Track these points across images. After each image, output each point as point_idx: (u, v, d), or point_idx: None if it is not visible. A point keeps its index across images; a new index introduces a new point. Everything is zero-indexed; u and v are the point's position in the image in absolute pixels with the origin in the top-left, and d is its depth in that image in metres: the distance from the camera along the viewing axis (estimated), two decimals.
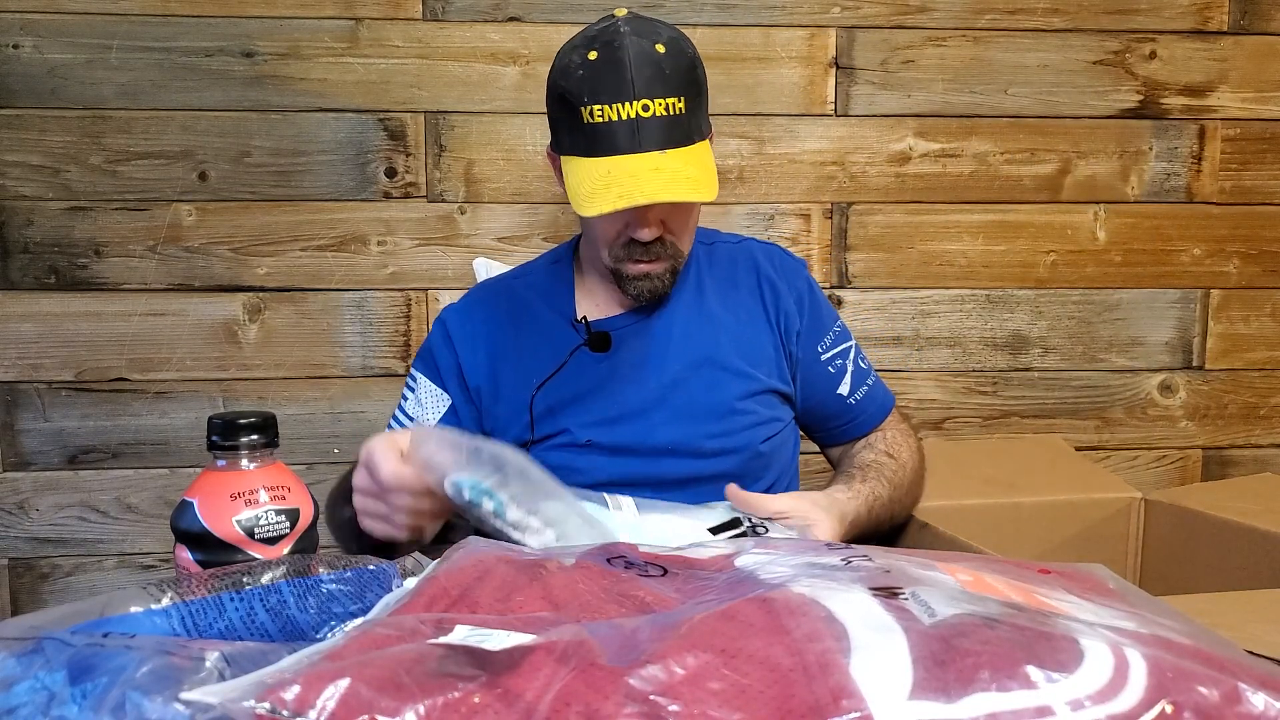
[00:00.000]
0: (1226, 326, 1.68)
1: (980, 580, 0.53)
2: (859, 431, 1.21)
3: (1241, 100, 1.64)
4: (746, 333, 1.18)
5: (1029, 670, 0.42)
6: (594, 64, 1.02)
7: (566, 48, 1.08)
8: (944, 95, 1.60)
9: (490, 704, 0.41)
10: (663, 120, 1.01)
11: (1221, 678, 0.43)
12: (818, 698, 0.40)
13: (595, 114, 1.01)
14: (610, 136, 1.01)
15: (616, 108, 1.01)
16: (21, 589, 1.56)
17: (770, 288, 1.20)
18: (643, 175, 1.00)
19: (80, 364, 1.53)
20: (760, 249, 1.25)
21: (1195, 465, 1.70)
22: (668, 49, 1.03)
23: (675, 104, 1.02)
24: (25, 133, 1.49)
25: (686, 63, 1.05)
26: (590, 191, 1.01)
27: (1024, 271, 1.65)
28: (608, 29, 1.05)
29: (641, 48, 1.02)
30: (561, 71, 1.06)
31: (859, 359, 1.22)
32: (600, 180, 1.01)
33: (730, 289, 1.19)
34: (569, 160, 1.06)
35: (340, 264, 1.55)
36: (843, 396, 1.20)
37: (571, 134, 1.05)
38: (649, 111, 1.01)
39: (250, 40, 1.50)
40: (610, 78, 1.01)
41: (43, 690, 0.45)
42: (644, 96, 1.00)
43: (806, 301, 1.21)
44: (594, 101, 1.01)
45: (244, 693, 0.40)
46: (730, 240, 1.26)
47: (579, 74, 1.03)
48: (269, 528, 0.67)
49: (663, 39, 1.04)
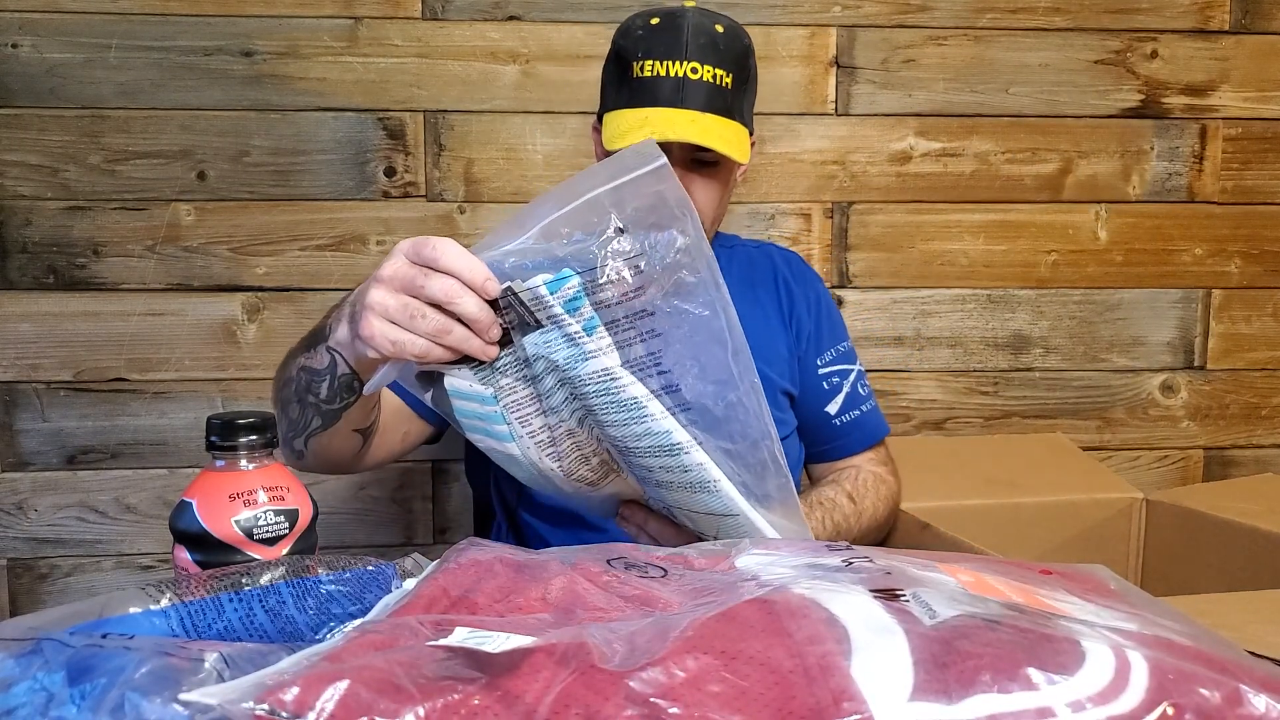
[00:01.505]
0: (1228, 326, 1.68)
1: (981, 581, 0.53)
2: (837, 454, 1.21)
3: (1243, 100, 1.64)
4: (763, 330, 1.18)
5: (1030, 672, 0.42)
6: (654, 27, 1.07)
7: (633, 16, 1.12)
8: (945, 94, 1.60)
9: (490, 706, 0.41)
10: (708, 86, 1.05)
11: (1223, 679, 0.43)
12: (819, 700, 0.40)
13: (645, 68, 1.05)
14: (655, 89, 1.05)
15: (667, 64, 1.04)
16: (20, 589, 1.56)
17: (786, 290, 1.21)
18: (679, 123, 1.03)
19: (79, 364, 1.53)
20: (779, 253, 1.26)
21: (1197, 465, 1.70)
22: (726, 30, 1.08)
23: (723, 76, 1.06)
24: (24, 132, 1.48)
25: (741, 48, 1.09)
26: (624, 132, 1.04)
27: (1025, 271, 1.65)
28: (675, 7, 1.10)
29: (702, 22, 1.07)
30: (623, 32, 1.10)
31: (859, 384, 1.22)
32: (636, 123, 1.04)
33: (748, 289, 1.20)
34: (611, 114, 1.09)
35: (339, 264, 1.54)
36: (829, 415, 1.19)
37: (619, 88, 1.08)
38: (696, 75, 1.04)
39: (249, 39, 1.50)
40: (666, 37, 1.05)
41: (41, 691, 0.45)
42: (694, 60, 1.04)
43: (818, 311, 1.21)
44: (646, 57, 1.05)
45: (243, 694, 0.39)
46: (751, 244, 1.27)
47: (638, 34, 1.07)
48: (268, 528, 0.67)
49: (723, 23, 1.09)
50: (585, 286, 0.66)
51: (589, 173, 0.67)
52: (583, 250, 0.65)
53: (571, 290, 0.66)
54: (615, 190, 0.65)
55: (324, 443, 0.92)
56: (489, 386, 0.73)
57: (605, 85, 1.13)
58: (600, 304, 0.67)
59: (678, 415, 0.69)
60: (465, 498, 1.57)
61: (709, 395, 0.69)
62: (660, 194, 0.65)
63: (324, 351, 0.82)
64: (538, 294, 0.66)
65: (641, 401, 0.68)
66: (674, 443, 0.69)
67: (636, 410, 0.69)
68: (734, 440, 0.70)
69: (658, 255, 0.66)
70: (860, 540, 1.12)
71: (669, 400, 0.69)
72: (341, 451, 0.96)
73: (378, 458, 1.05)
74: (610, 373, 0.68)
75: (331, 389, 0.84)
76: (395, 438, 1.07)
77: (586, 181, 0.66)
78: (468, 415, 0.76)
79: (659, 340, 0.68)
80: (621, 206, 0.65)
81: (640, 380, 0.68)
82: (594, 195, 0.65)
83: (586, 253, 0.65)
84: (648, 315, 0.67)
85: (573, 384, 0.70)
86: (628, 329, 0.68)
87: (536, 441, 0.75)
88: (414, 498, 1.61)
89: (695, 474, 0.71)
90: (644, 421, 0.69)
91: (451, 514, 1.61)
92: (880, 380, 1.63)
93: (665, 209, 0.65)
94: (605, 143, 1.07)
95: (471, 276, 0.67)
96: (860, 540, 1.12)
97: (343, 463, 1.01)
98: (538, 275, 0.66)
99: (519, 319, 0.68)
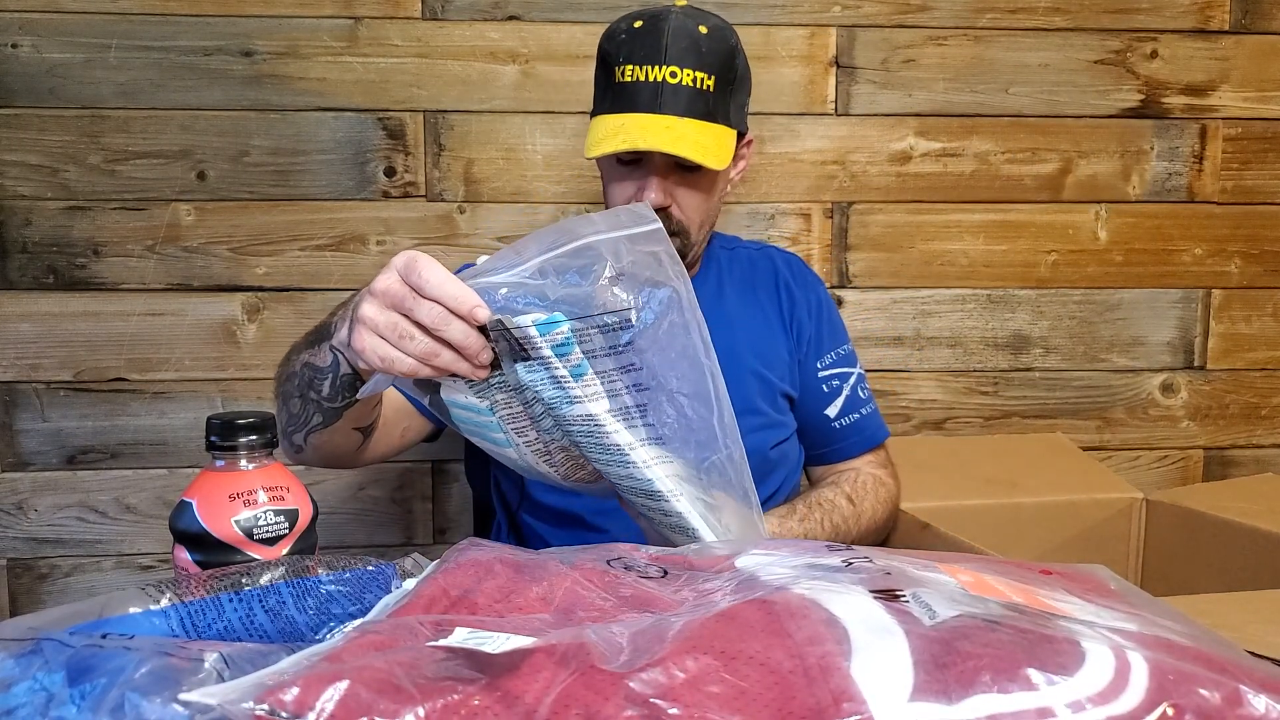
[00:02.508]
0: (1228, 326, 1.68)
1: (981, 581, 0.53)
2: (837, 457, 1.21)
3: (1243, 100, 1.64)
4: (763, 334, 1.18)
5: (1030, 672, 0.42)
6: (636, 30, 1.06)
7: (619, 19, 1.11)
8: (945, 95, 1.60)
9: (490, 706, 0.41)
10: (688, 90, 1.04)
11: (1223, 680, 0.43)
12: (818, 700, 0.40)
13: (626, 73, 1.05)
14: (633, 94, 1.04)
15: (646, 69, 1.04)
16: (20, 589, 1.56)
17: (787, 293, 1.20)
18: (653, 130, 1.03)
19: (79, 364, 1.53)
20: (781, 256, 1.25)
21: (1196, 465, 1.70)
22: (710, 32, 1.07)
23: (704, 79, 1.05)
24: (24, 132, 1.48)
25: (725, 49, 1.08)
26: (600, 139, 1.05)
27: (1025, 271, 1.65)
28: (661, 8, 1.09)
29: (684, 25, 1.06)
30: (607, 36, 1.10)
31: (859, 388, 1.21)
32: (612, 130, 1.04)
33: (749, 291, 1.20)
34: (595, 120, 1.09)
35: (339, 264, 1.54)
36: (829, 418, 1.19)
37: (602, 93, 1.09)
38: (675, 79, 1.04)
39: (249, 39, 1.50)
40: (647, 41, 1.05)
41: (41, 691, 0.45)
42: (673, 64, 1.04)
43: (819, 314, 1.21)
44: (627, 62, 1.05)
45: (243, 694, 0.39)
46: (752, 246, 1.27)
47: (620, 38, 1.07)
48: (268, 528, 0.67)
49: (708, 24, 1.08)
50: (575, 332, 0.67)
51: (585, 219, 0.68)
52: (577, 294, 0.66)
53: (561, 336, 0.67)
54: (612, 241, 0.66)
55: (324, 439, 0.92)
56: (484, 400, 0.73)
57: (595, 87, 1.13)
58: (589, 352, 0.67)
59: (660, 466, 0.71)
60: (465, 498, 1.57)
61: (692, 455, 0.70)
62: (656, 255, 0.66)
63: (327, 350, 0.83)
64: (527, 334, 0.67)
65: (625, 450, 0.70)
66: (655, 490, 0.71)
67: (619, 456, 0.70)
68: (716, 497, 0.72)
69: (650, 311, 0.66)
70: (859, 542, 1.12)
71: (653, 451, 0.70)
72: (341, 448, 0.96)
73: (377, 453, 1.05)
74: (595, 419, 0.69)
75: (334, 387, 0.84)
76: (395, 433, 1.07)
77: (584, 228, 0.67)
78: (465, 422, 0.77)
79: (645, 394, 0.69)
80: (618, 258, 0.66)
81: (626, 429, 0.69)
82: (592, 241, 0.66)
83: (580, 297, 0.66)
84: (635, 370, 0.68)
85: (560, 422, 0.71)
86: (615, 380, 0.69)
87: (533, 450, 0.76)
88: (414, 498, 1.61)
89: (675, 520, 0.73)
90: (627, 467, 0.71)
91: (451, 514, 1.61)
92: (880, 380, 1.63)
93: (659, 268, 0.66)
94: (585, 150, 1.07)
95: (457, 304, 0.67)
96: (859, 542, 1.12)
97: (342, 459, 1.01)
98: (529, 314, 0.66)
99: (509, 348, 0.69)
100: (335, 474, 1.56)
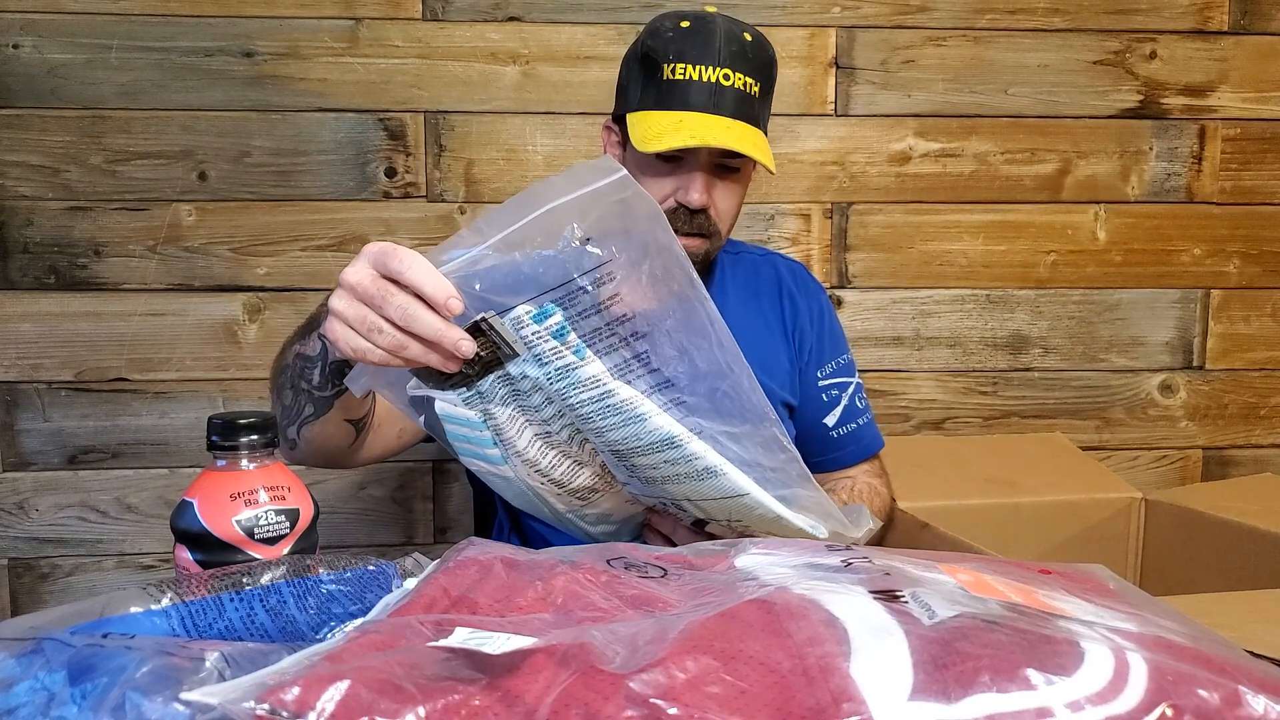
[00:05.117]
0: (1227, 326, 1.68)
1: (981, 581, 0.53)
2: (833, 466, 1.21)
3: (1242, 100, 1.64)
4: (765, 341, 1.18)
5: (1029, 672, 0.42)
6: (685, 30, 1.06)
7: (660, 18, 1.11)
8: (944, 95, 1.60)
9: (490, 706, 0.41)
10: (739, 94, 1.05)
11: (1222, 680, 0.43)
12: (818, 700, 0.40)
13: (677, 71, 1.04)
14: (688, 93, 1.04)
15: (700, 69, 1.04)
16: (21, 589, 1.56)
17: (790, 301, 1.20)
18: (715, 128, 1.03)
19: (80, 364, 1.53)
20: (784, 263, 1.25)
21: (1195, 465, 1.70)
22: (754, 39, 1.08)
23: (752, 85, 1.06)
24: (25, 132, 1.49)
25: (766, 57, 1.09)
26: (660, 132, 1.03)
27: (1024, 271, 1.65)
28: (701, 11, 1.09)
29: (732, 30, 1.07)
30: (651, 33, 1.09)
31: (857, 397, 1.21)
32: (672, 124, 1.03)
33: (751, 297, 1.20)
34: (637, 114, 1.07)
35: (340, 264, 1.52)
36: (827, 427, 1.19)
37: (645, 89, 1.07)
38: (729, 81, 1.04)
39: (250, 40, 1.50)
40: (699, 41, 1.05)
41: (42, 691, 0.45)
42: (727, 66, 1.04)
43: (820, 323, 1.21)
44: (679, 60, 1.04)
45: (244, 693, 0.40)
46: (756, 251, 1.27)
47: (668, 35, 1.06)
48: (269, 528, 0.67)
49: (750, 32, 1.09)
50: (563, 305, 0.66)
51: (545, 184, 0.66)
52: (549, 262, 0.65)
53: (555, 323, 0.67)
54: (576, 201, 0.65)
55: (317, 431, 0.91)
56: (475, 410, 0.73)
57: (627, 85, 1.12)
58: (580, 316, 0.67)
59: (673, 410, 0.70)
60: (465, 498, 1.57)
61: (701, 387, 0.70)
62: (625, 202, 0.65)
63: (316, 339, 0.83)
64: (520, 324, 0.67)
65: (634, 403, 0.70)
66: (671, 436, 0.71)
67: (630, 412, 0.70)
68: (734, 425, 0.71)
69: (628, 260, 0.66)
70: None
71: (662, 397, 0.70)
72: (335, 441, 0.96)
73: (373, 453, 1.05)
74: (598, 380, 0.69)
75: (323, 375, 0.85)
76: (390, 434, 1.07)
77: (545, 193, 0.66)
78: (460, 439, 0.78)
79: (643, 341, 0.69)
80: (584, 215, 0.65)
81: (630, 383, 0.70)
82: (555, 206, 0.65)
83: (554, 265, 0.65)
84: (628, 320, 0.68)
85: (563, 398, 0.71)
86: (610, 336, 0.68)
87: (525, 460, 0.76)
88: (414, 498, 1.61)
89: (698, 462, 0.72)
90: (640, 421, 0.70)
91: (451, 514, 1.61)
92: (879, 380, 1.63)
93: (630, 215, 0.66)
94: (637, 143, 1.05)
95: (434, 294, 0.66)
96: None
97: (337, 454, 1.00)
98: (518, 305, 0.66)
99: (498, 346, 0.69)
100: (336, 474, 1.56)
